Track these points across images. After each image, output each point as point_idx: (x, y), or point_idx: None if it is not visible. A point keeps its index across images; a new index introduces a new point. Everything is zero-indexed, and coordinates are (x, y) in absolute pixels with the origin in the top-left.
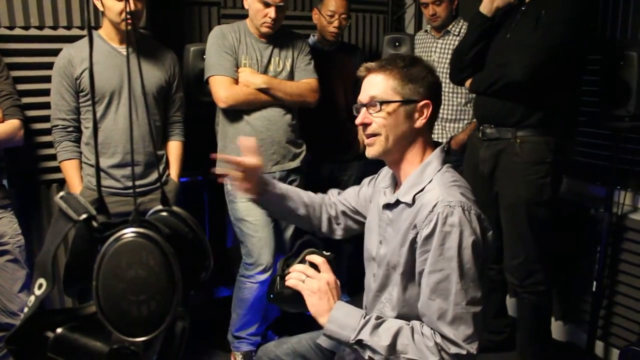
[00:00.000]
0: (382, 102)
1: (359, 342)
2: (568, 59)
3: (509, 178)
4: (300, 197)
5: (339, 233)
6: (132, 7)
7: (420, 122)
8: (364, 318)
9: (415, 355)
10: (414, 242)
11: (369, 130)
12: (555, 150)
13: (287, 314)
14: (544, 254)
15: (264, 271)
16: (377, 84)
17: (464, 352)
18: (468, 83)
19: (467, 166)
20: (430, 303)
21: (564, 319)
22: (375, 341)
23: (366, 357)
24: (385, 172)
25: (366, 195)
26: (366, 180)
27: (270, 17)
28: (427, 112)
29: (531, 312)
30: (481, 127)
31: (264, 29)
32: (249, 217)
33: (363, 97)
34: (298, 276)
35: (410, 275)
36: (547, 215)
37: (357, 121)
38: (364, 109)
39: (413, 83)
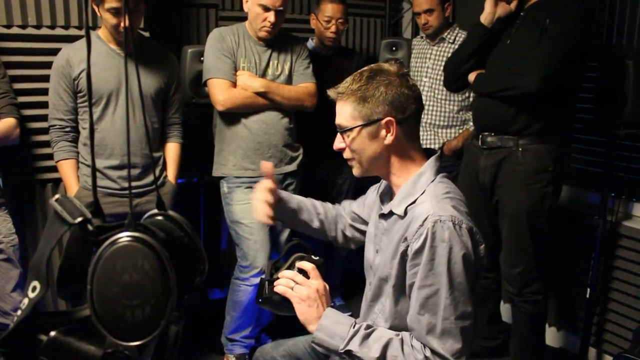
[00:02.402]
0: (344, 131)
1: (348, 352)
2: (573, 68)
3: (511, 187)
4: (315, 209)
5: (352, 244)
6: (128, 22)
7: (389, 139)
8: (354, 327)
9: None
10: (404, 254)
11: (344, 155)
12: (556, 158)
13: (281, 317)
14: (542, 263)
15: (259, 274)
16: (338, 112)
17: None
18: (472, 76)
19: (465, 175)
20: (420, 318)
21: (557, 326)
22: (365, 352)
23: None
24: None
25: (371, 203)
26: (372, 188)
27: (269, 22)
28: (393, 129)
29: (527, 321)
30: (481, 136)
31: (263, 33)
32: (244, 219)
33: (336, 122)
34: (287, 283)
35: (401, 287)
36: (546, 225)
37: (334, 147)
38: (338, 134)
39: (369, 103)
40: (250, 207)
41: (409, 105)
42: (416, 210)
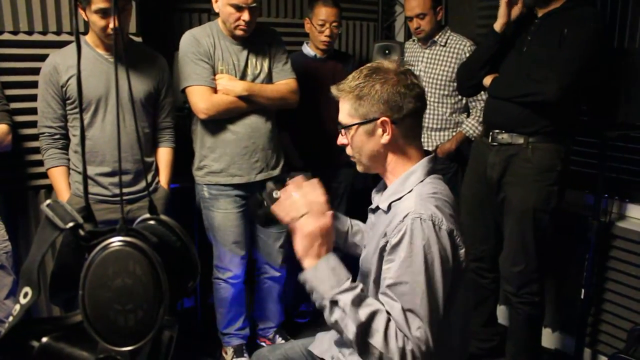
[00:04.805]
0: (343, 128)
1: (334, 302)
2: (589, 74)
3: (519, 183)
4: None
5: None
6: (116, 23)
7: (385, 139)
8: (351, 282)
9: (379, 345)
10: (383, 250)
11: (347, 151)
12: (564, 159)
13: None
14: (542, 265)
15: (234, 277)
16: (340, 109)
17: None
18: (488, 80)
19: (472, 172)
20: (398, 314)
21: (552, 327)
22: (353, 311)
23: (331, 319)
24: None
25: None
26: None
27: (244, 20)
28: (388, 128)
29: (523, 322)
30: (491, 133)
31: (239, 32)
32: (223, 228)
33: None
34: (291, 205)
35: (380, 282)
36: (550, 225)
37: (338, 142)
38: (342, 131)
39: (366, 101)
40: (230, 216)
41: (406, 104)
42: (399, 207)
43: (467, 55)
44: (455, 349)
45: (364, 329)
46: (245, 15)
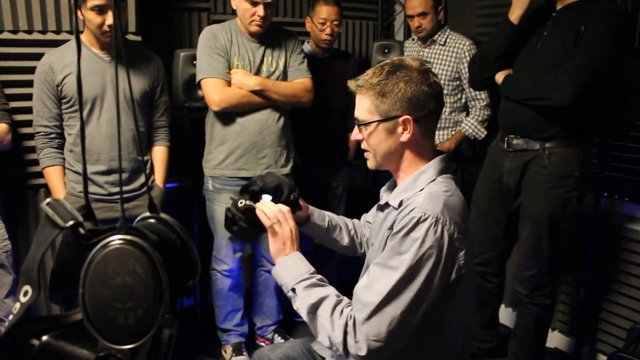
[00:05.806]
0: (361, 124)
1: (293, 291)
2: (608, 77)
3: (535, 190)
4: (346, 227)
5: None
6: (115, 21)
7: (405, 137)
8: (310, 274)
9: (327, 324)
10: (387, 239)
11: (362, 146)
12: (583, 163)
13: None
14: (555, 269)
15: (229, 271)
16: (357, 105)
17: (364, 347)
18: (500, 77)
19: (486, 177)
20: (364, 291)
21: (552, 326)
22: (304, 296)
23: (295, 307)
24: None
25: None
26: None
27: (259, 15)
28: (410, 127)
29: (532, 323)
30: (506, 138)
31: (254, 28)
32: (221, 222)
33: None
34: (274, 216)
35: None
36: (567, 231)
37: (352, 137)
38: (357, 126)
39: (388, 98)
40: None
41: (428, 104)
42: (410, 203)
43: (467, 54)
44: (457, 349)
45: (313, 310)
46: (260, 11)
